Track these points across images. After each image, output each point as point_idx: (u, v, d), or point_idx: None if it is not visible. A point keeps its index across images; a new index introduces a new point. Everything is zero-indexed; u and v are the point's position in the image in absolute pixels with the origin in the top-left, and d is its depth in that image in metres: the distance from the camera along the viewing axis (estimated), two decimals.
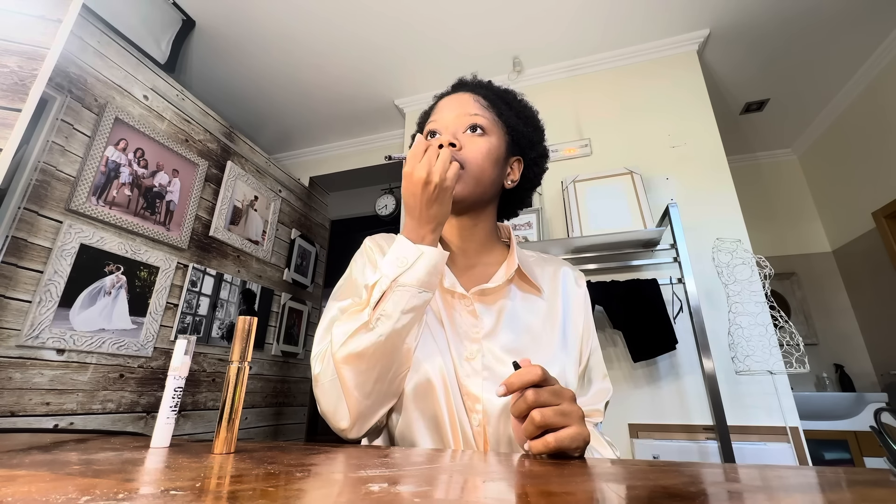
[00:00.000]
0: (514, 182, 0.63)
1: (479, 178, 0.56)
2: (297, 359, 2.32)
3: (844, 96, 2.26)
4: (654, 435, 1.47)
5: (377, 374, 0.47)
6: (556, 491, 0.28)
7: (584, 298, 0.61)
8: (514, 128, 0.61)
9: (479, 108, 0.59)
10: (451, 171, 0.49)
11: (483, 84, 0.65)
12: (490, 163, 0.57)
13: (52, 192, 1.26)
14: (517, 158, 0.64)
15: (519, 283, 0.59)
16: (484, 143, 0.57)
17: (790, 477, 0.32)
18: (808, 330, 2.43)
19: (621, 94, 2.00)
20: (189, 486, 0.25)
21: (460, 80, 0.68)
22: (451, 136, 0.56)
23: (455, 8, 1.82)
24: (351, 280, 0.59)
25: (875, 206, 2.13)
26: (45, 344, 1.20)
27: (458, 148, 0.55)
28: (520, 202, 0.68)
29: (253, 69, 2.18)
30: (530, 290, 0.59)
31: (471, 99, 0.60)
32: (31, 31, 1.06)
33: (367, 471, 0.31)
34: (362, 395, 0.47)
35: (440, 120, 0.59)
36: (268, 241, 2.14)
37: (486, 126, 0.58)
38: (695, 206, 1.70)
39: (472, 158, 0.55)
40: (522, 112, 0.65)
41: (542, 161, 0.67)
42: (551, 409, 0.38)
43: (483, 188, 0.57)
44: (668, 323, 1.45)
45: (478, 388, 0.50)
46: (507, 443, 0.49)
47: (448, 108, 0.60)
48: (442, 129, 0.58)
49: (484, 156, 0.56)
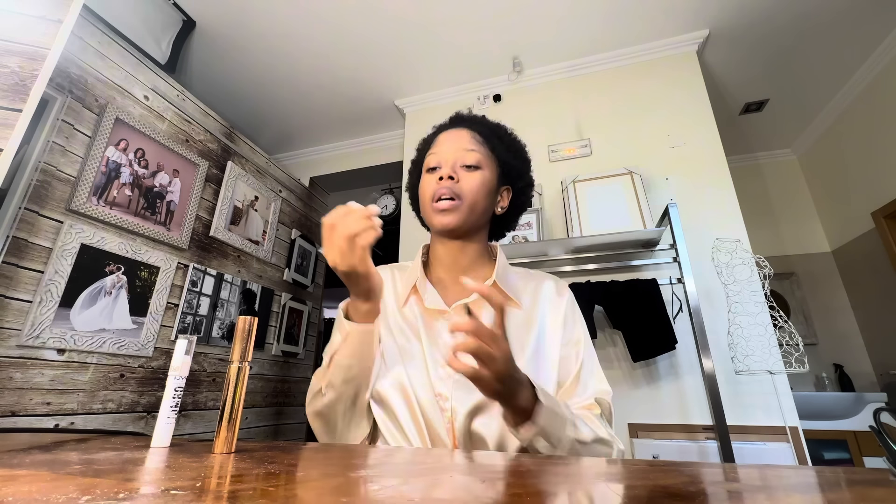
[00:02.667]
0: (504, 209, 0.71)
1: (472, 208, 0.64)
2: (297, 359, 2.32)
3: (844, 96, 2.26)
4: (654, 435, 1.47)
5: (336, 425, 0.59)
6: (557, 491, 0.28)
7: (566, 305, 0.66)
8: (505, 160, 0.69)
9: (475, 143, 0.67)
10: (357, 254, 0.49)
11: (478, 120, 0.73)
12: (483, 195, 0.65)
13: (52, 192, 1.26)
14: (506, 187, 0.72)
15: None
16: (478, 176, 0.64)
17: (790, 477, 0.32)
18: (807, 330, 2.43)
19: (621, 94, 2.00)
20: (189, 486, 0.25)
21: (458, 115, 0.75)
22: (449, 170, 0.63)
23: (455, 8, 1.82)
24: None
25: (875, 206, 2.13)
26: (46, 344, 1.20)
27: (456, 181, 0.63)
28: (507, 226, 0.76)
29: (253, 69, 2.18)
30: (508, 304, 0.64)
31: (467, 135, 0.67)
32: (32, 32, 1.06)
33: (367, 471, 0.31)
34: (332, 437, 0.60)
35: (440, 153, 0.67)
36: (268, 241, 2.14)
37: (481, 161, 0.65)
38: (694, 206, 1.70)
39: (469, 191, 0.63)
40: (512, 146, 0.72)
41: (528, 190, 0.75)
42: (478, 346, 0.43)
43: (476, 216, 0.65)
44: (667, 323, 1.45)
45: (448, 389, 0.57)
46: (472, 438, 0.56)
47: (447, 142, 0.68)
48: (442, 162, 0.66)
49: (478, 188, 0.64)
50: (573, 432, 0.50)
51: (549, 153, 1.99)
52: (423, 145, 0.74)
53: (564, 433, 0.49)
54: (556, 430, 0.48)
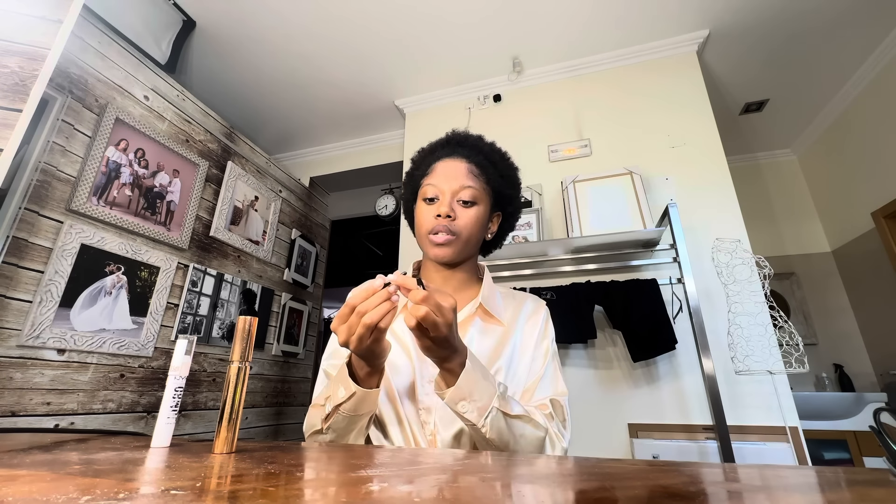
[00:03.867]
0: (493, 234, 0.76)
1: (468, 242, 0.68)
2: (297, 359, 2.32)
3: (844, 96, 2.26)
4: (654, 435, 1.47)
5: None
6: (556, 491, 0.28)
7: (541, 321, 0.72)
8: (499, 190, 0.73)
9: (472, 178, 0.69)
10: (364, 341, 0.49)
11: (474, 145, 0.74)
12: (477, 229, 0.69)
13: (52, 192, 1.26)
14: (497, 213, 0.76)
15: (483, 315, 0.70)
16: (474, 212, 0.68)
17: (790, 477, 0.32)
18: (807, 330, 2.43)
19: (621, 94, 2.00)
20: (189, 486, 0.25)
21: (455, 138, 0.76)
22: (447, 208, 0.66)
23: (455, 9, 1.82)
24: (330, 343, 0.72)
25: (875, 206, 2.13)
26: (46, 344, 1.20)
27: (454, 219, 0.67)
28: (494, 247, 0.81)
29: (253, 69, 2.18)
30: (491, 322, 0.70)
31: (465, 168, 0.70)
32: (32, 32, 1.06)
33: (366, 471, 0.31)
34: None
35: (438, 185, 0.69)
36: (268, 241, 2.14)
37: (477, 196, 0.69)
38: (694, 206, 1.70)
39: (464, 227, 0.67)
40: (506, 172, 0.75)
41: (517, 213, 0.79)
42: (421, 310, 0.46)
43: (470, 249, 0.70)
44: (667, 323, 1.45)
45: (432, 401, 0.61)
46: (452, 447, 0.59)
47: (444, 174, 0.69)
48: (439, 194, 0.68)
49: (473, 224, 0.68)
50: (500, 404, 0.53)
51: (549, 153, 1.99)
52: (420, 165, 0.76)
53: (490, 402, 0.52)
54: (481, 397, 0.52)
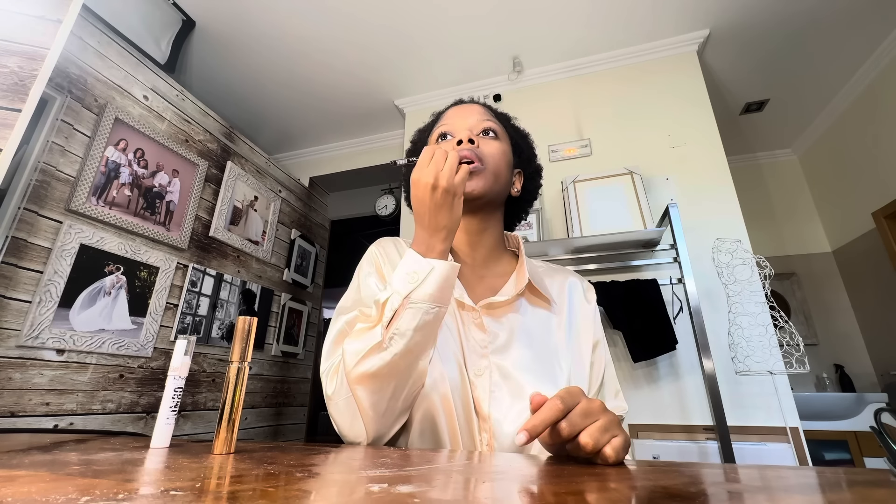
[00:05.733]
0: (518, 192, 0.65)
1: (497, 175, 0.58)
2: (296, 359, 2.32)
3: (844, 96, 2.26)
4: (654, 435, 1.47)
5: (391, 393, 0.46)
6: (556, 491, 0.28)
7: (593, 314, 0.61)
8: (517, 142, 0.66)
9: (489, 116, 0.63)
10: (459, 176, 0.47)
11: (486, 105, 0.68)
12: (504, 164, 0.59)
13: (52, 192, 1.25)
14: (518, 171, 0.67)
15: (529, 295, 0.58)
16: (498, 145, 0.59)
17: (790, 477, 0.32)
18: (808, 330, 2.43)
19: (621, 94, 2.00)
20: (189, 487, 0.25)
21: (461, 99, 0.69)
22: (468, 134, 0.57)
23: (455, 8, 1.82)
24: (357, 289, 0.57)
25: (875, 206, 2.13)
26: (45, 344, 1.20)
27: (477, 145, 0.57)
28: (520, 213, 0.71)
29: (253, 69, 2.18)
30: (540, 304, 0.58)
31: (480, 108, 0.63)
32: (32, 32, 1.06)
33: (367, 471, 0.31)
34: (377, 413, 0.47)
35: (452, 124, 0.61)
36: (268, 241, 2.14)
37: (498, 132, 0.61)
38: (695, 206, 1.70)
39: (491, 156, 0.57)
40: (521, 131, 0.70)
41: (537, 177, 0.70)
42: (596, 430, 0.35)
43: (500, 186, 0.59)
44: (668, 323, 1.45)
45: (486, 407, 0.49)
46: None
47: (459, 115, 0.62)
48: (455, 130, 0.60)
49: (500, 156, 0.58)
50: None
51: (550, 153, 1.99)
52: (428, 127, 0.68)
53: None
54: None
